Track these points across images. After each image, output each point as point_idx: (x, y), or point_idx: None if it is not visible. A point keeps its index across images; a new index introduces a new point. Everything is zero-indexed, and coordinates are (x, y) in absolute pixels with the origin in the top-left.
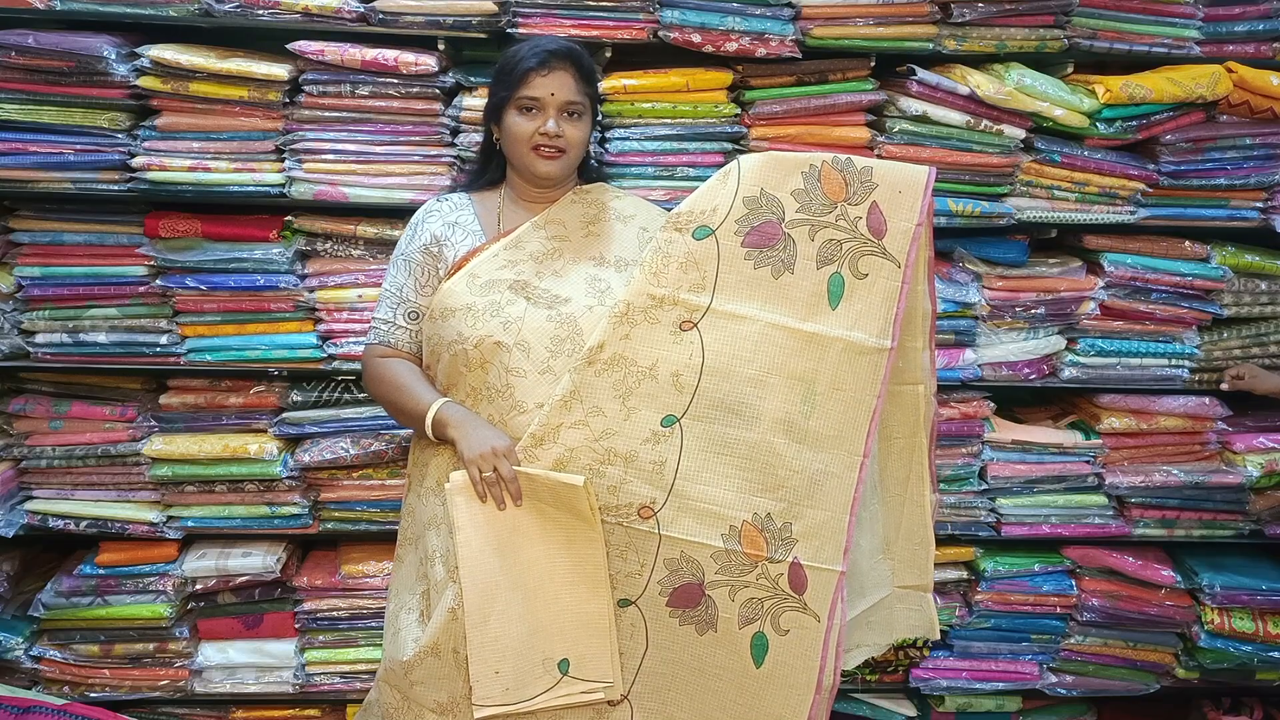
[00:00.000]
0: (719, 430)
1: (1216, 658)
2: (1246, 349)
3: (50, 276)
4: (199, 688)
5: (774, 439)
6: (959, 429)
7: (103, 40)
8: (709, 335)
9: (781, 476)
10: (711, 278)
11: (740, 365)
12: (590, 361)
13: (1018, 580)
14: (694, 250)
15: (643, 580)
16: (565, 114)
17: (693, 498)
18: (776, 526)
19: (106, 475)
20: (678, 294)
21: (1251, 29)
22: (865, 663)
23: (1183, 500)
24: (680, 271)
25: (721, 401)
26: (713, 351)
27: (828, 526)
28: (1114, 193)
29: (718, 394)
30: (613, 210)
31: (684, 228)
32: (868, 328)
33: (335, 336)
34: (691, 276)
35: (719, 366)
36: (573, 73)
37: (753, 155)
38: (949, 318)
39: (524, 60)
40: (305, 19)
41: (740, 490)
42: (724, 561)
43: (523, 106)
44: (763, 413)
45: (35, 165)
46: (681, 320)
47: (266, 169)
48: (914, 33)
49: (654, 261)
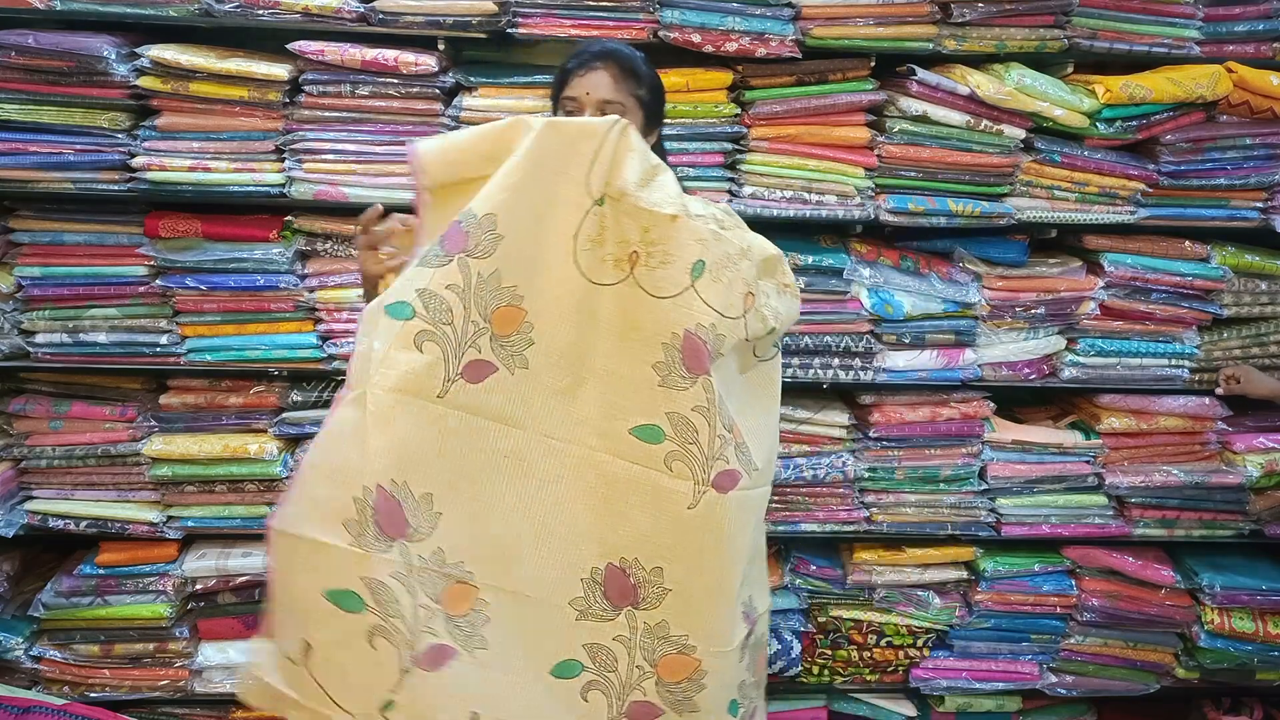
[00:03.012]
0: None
1: (1216, 658)
2: (1246, 349)
3: (50, 276)
4: (199, 688)
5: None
6: (959, 429)
7: (103, 40)
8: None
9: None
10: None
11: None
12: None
13: (1018, 580)
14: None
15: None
16: (602, 112)
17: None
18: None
19: (106, 475)
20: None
21: (1251, 29)
22: (865, 662)
23: (1183, 500)
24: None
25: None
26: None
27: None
28: (1114, 193)
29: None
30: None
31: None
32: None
33: (335, 336)
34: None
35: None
36: (612, 72)
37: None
38: (949, 318)
39: (567, 62)
40: (305, 19)
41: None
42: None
43: (565, 108)
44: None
45: (35, 165)
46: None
47: (266, 169)
48: (914, 33)
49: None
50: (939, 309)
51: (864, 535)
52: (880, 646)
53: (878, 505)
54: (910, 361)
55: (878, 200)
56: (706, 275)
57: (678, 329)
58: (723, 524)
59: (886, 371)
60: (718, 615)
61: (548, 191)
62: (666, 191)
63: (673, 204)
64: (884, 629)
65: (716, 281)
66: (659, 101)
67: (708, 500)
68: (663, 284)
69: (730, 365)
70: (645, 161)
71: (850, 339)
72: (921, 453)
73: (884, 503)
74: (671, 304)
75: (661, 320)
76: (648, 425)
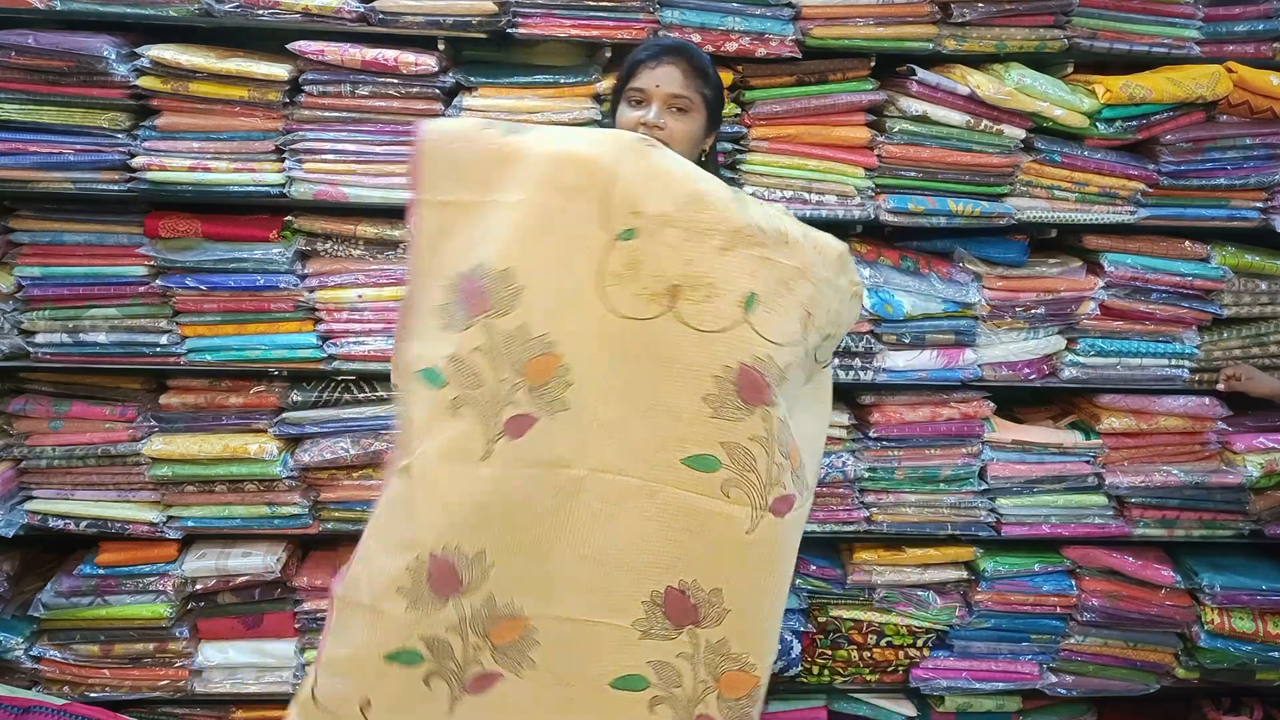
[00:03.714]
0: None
1: (1216, 658)
2: (1246, 349)
3: (50, 276)
4: (199, 688)
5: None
6: (959, 429)
7: (103, 40)
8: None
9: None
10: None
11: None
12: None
13: (1018, 580)
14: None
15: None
16: (670, 107)
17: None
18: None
19: (106, 475)
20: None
21: (1251, 29)
22: (865, 662)
23: (1183, 500)
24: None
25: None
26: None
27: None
28: (1114, 193)
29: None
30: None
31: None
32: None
33: (335, 336)
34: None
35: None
36: (682, 67)
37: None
38: (949, 318)
39: (636, 54)
40: (305, 19)
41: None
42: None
43: (631, 99)
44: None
45: (35, 165)
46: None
47: (266, 169)
48: (914, 33)
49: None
50: (939, 309)
51: (864, 535)
52: (880, 646)
53: (878, 505)
54: (910, 361)
55: (878, 200)
56: (760, 308)
57: (731, 363)
58: (779, 547)
59: (886, 371)
60: (773, 633)
61: (564, 231)
62: (716, 212)
63: (724, 226)
64: (884, 629)
65: (771, 312)
66: (720, 103)
67: (765, 525)
68: (710, 318)
69: (798, 380)
70: (684, 181)
71: (850, 339)
72: (921, 453)
73: (884, 503)
74: (723, 338)
75: (711, 354)
76: (701, 455)
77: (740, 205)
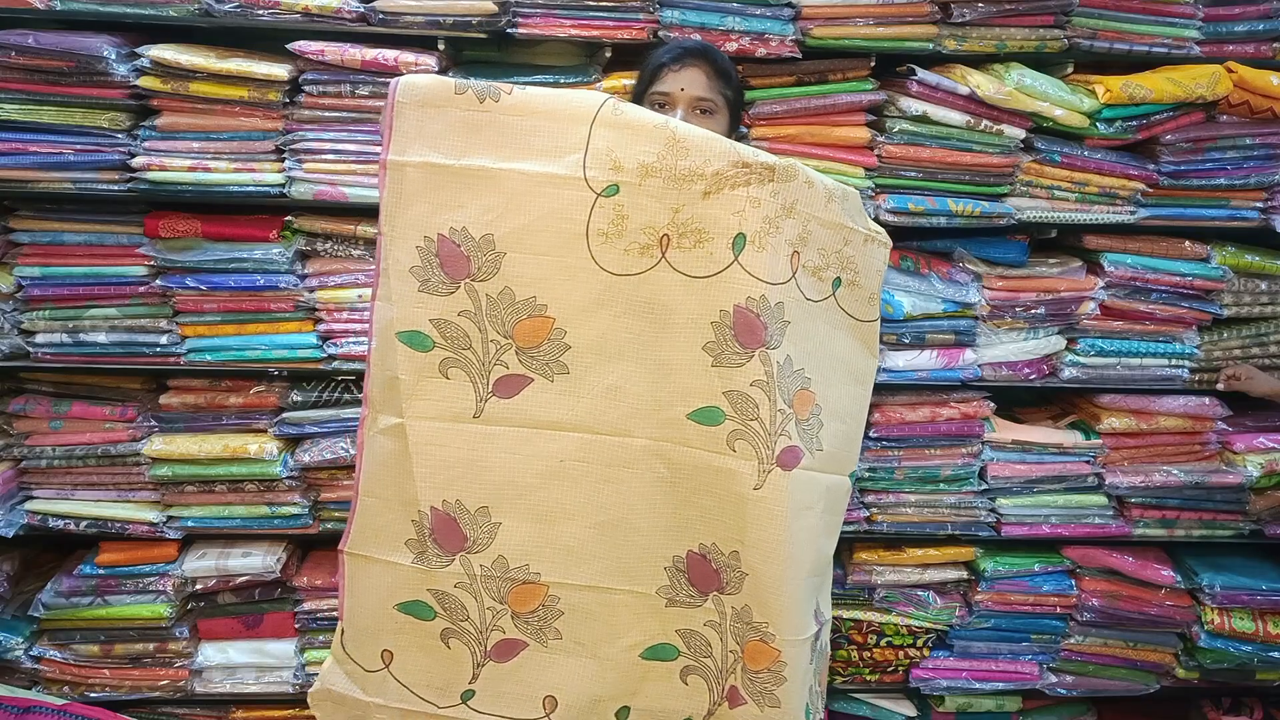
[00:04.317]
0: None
1: (1216, 658)
2: (1246, 349)
3: (50, 276)
4: (199, 688)
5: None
6: (959, 429)
7: (103, 40)
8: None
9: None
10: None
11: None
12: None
13: (1018, 580)
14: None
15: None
16: (696, 109)
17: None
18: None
19: (106, 475)
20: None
21: (1251, 29)
22: (865, 662)
23: (1183, 500)
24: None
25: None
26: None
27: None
28: (1114, 193)
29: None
30: None
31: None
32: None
33: (335, 336)
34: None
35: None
36: (706, 70)
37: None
38: (949, 318)
39: (658, 57)
40: (305, 19)
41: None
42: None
43: (655, 102)
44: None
45: (35, 165)
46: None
47: (266, 169)
48: (914, 33)
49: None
50: (939, 309)
51: (864, 535)
52: (880, 646)
53: (878, 505)
54: (910, 361)
55: (878, 200)
56: (750, 247)
57: (726, 305)
58: (789, 504)
59: (886, 371)
60: (790, 600)
61: (544, 193)
62: (696, 156)
63: (706, 169)
64: (884, 629)
65: (761, 250)
66: (741, 103)
67: (773, 479)
68: (702, 263)
69: (815, 330)
70: (660, 128)
71: None
72: (921, 453)
73: (884, 503)
74: (716, 282)
75: (707, 300)
76: (706, 408)
77: (725, 142)
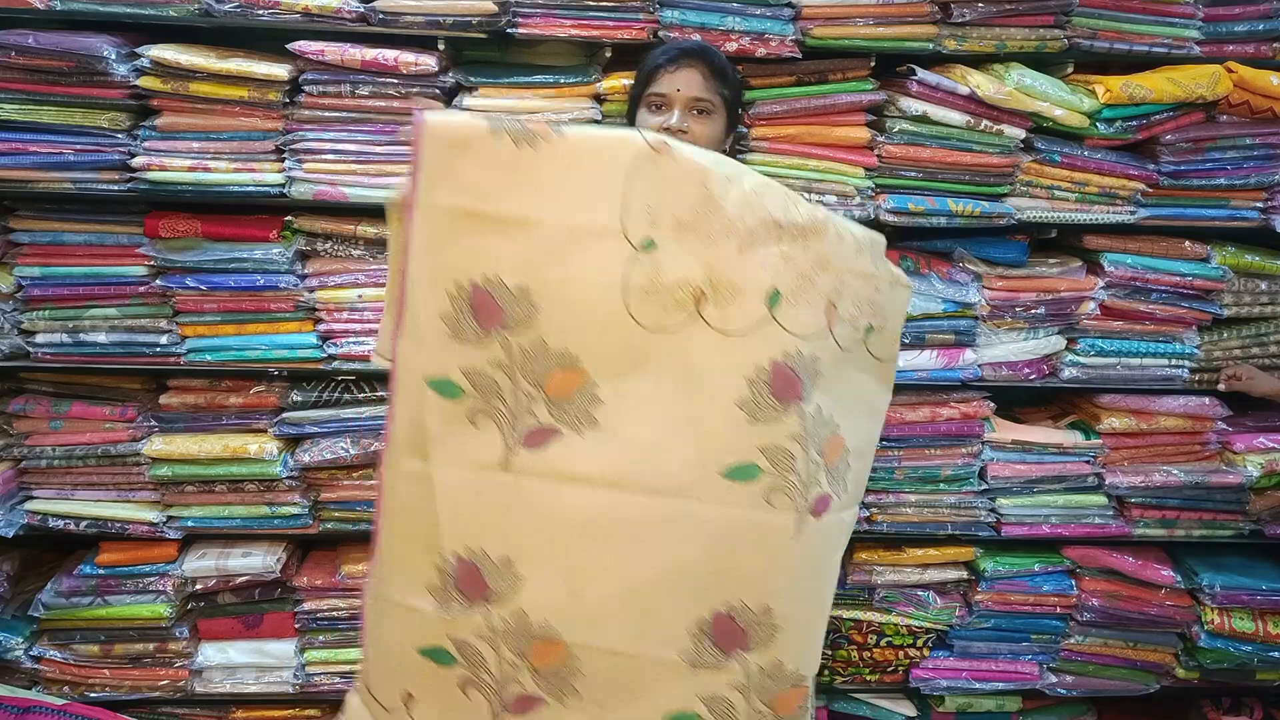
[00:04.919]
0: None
1: (1216, 658)
2: (1246, 349)
3: (50, 276)
4: (199, 688)
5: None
6: (959, 429)
7: (103, 40)
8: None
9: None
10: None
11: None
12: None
13: (1018, 580)
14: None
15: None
16: (692, 111)
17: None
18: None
19: (106, 475)
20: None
21: (1251, 29)
22: (865, 662)
23: (1183, 500)
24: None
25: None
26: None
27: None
28: (1114, 193)
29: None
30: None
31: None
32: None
33: (335, 336)
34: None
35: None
36: (702, 70)
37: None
38: (949, 318)
39: (655, 58)
40: (305, 19)
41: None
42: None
43: (651, 104)
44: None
45: (35, 165)
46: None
47: (266, 169)
48: (914, 33)
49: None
50: (939, 309)
51: (864, 535)
52: (880, 646)
53: (878, 505)
54: (910, 361)
55: (878, 200)
56: (784, 303)
57: (762, 362)
58: (823, 550)
59: None
60: (819, 639)
61: (581, 245)
62: (730, 212)
63: (740, 226)
64: (884, 629)
65: (795, 305)
66: (739, 102)
67: (809, 528)
68: (736, 319)
69: (845, 375)
70: (698, 184)
71: None
72: (921, 453)
73: (884, 503)
74: (751, 338)
75: (742, 356)
76: (742, 465)
77: (758, 198)
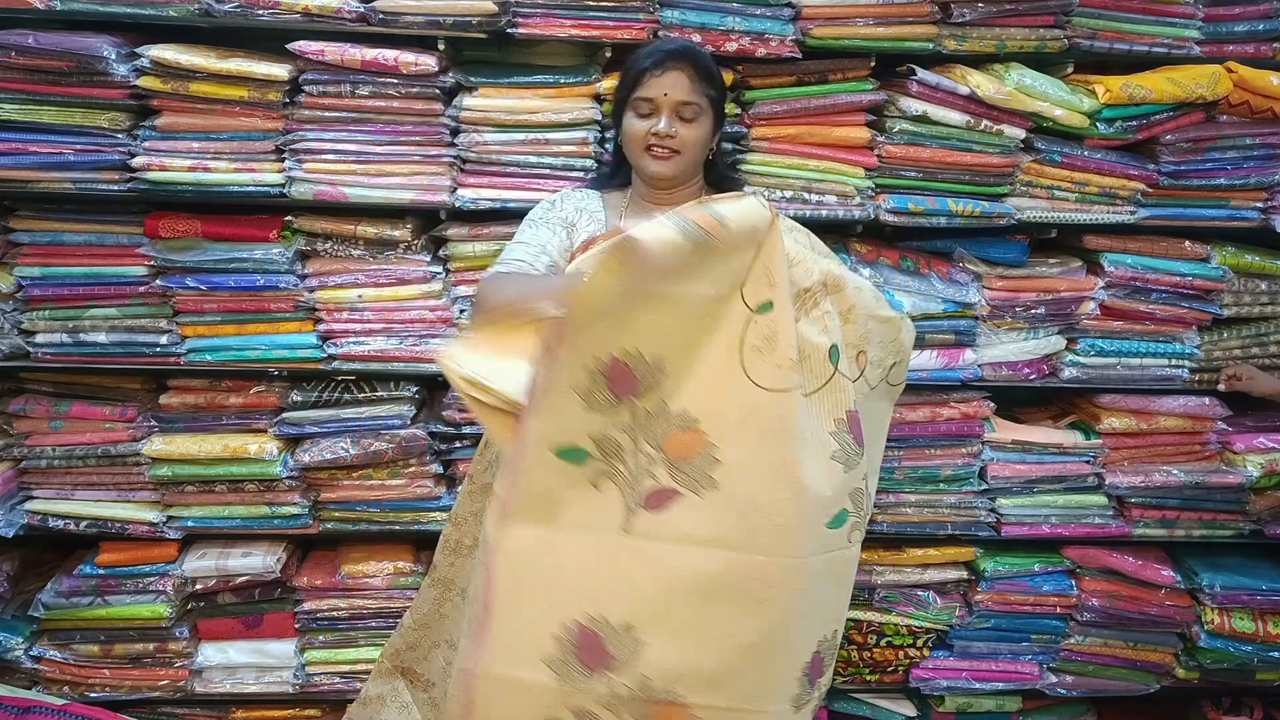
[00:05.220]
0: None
1: (1216, 658)
2: (1246, 349)
3: (50, 276)
4: (199, 688)
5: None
6: (959, 429)
7: (103, 40)
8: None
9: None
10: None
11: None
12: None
13: (1018, 580)
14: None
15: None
16: (679, 114)
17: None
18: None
19: (106, 475)
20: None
21: (1251, 29)
22: (865, 662)
23: (1183, 500)
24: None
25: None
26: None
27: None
28: (1114, 193)
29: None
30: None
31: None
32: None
33: (335, 336)
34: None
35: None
36: (689, 72)
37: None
38: (949, 318)
39: (640, 61)
40: (305, 19)
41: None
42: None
43: (639, 109)
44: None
45: (35, 165)
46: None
47: (266, 169)
48: (914, 33)
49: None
50: (939, 309)
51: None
52: (880, 646)
53: (878, 505)
54: (910, 362)
55: (878, 200)
56: (843, 357)
57: (840, 413)
58: (856, 564)
59: None
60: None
61: (708, 311)
62: (799, 276)
63: (803, 284)
64: (884, 629)
65: (846, 359)
66: (725, 101)
67: (857, 549)
68: (813, 377)
69: (873, 409)
70: (784, 249)
71: None
72: (922, 452)
73: (884, 503)
74: (827, 392)
75: (823, 411)
76: (839, 514)
77: (797, 263)
